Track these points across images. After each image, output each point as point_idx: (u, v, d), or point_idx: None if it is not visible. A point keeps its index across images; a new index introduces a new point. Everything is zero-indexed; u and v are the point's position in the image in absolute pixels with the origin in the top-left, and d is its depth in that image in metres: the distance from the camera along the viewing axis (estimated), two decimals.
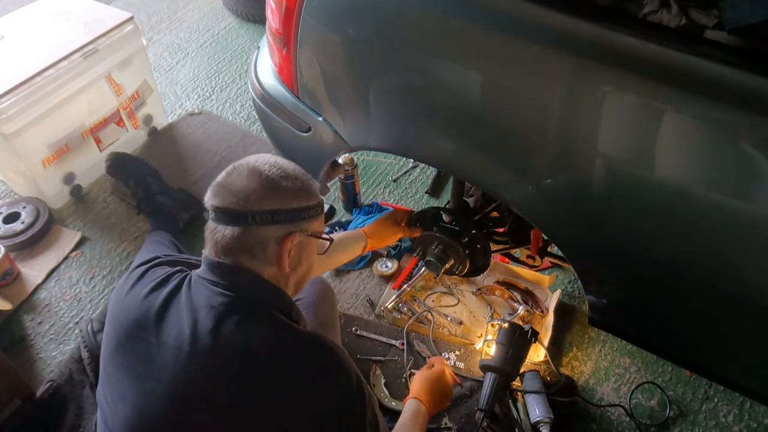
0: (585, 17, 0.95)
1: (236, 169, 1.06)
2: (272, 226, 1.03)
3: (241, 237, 1.02)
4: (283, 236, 1.04)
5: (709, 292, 1.12)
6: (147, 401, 0.97)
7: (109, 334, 1.07)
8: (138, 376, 0.99)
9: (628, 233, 1.11)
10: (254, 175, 1.03)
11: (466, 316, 1.77)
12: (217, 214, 1.03)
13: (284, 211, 1.03)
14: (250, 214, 1.01)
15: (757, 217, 0.95)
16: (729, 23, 0.94)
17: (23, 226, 1.99)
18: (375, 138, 1.31)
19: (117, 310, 1.08)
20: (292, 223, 1.05)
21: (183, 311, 1.01)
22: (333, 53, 1.26)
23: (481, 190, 1.55)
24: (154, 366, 0.98)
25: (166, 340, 0.99)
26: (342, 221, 2.06)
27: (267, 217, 1.02)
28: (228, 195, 1.02)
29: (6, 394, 1.52)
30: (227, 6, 3.11)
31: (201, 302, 1.01)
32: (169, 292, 1.04)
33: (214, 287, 1.02)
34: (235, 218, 1.02)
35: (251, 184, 1.02)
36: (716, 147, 0.94)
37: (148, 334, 1.01)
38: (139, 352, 1.01)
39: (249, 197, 1.01)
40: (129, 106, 2.24)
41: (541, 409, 1.49)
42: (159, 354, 0.99)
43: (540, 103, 1.04)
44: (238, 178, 1.04)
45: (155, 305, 1.03)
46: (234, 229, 1.02)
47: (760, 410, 1.57)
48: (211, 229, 1.05)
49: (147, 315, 1.03)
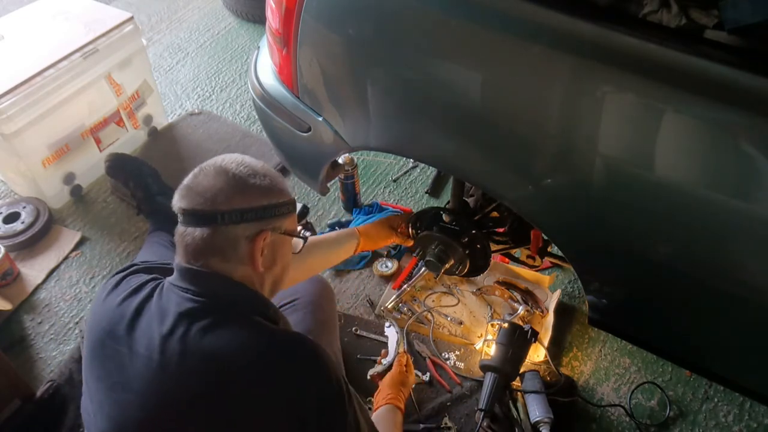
0: (585, 17, 0.95)
1: (203, 170, 1.04)
2: (242, 224, 1.00)
3: (211, 238, 1.00)
4: (254, 235, 1.01)
5: (709, 291, 1.12)
6: (122, 412, 0.96)
7: (87, 344, 1.05)
8: (112, 386, 0.98)
9: (628, 233, 1.11)
10: (221, 174, 1.01)
11: (466, 316, 1.77)
12: (186, 216, 1.01)
13: (254, 209, 1.01)
14: (219, 214, 0.99)
15: (757, 217, 0.95)
16: (729, 23, 0.94)
17: (23, 226, 1.99)
18: (375, 138, 1.31)
19: (92, 319, 1.07)
20: (263, 221, 1.02)
21: (153, 319, 0.99)
22: (333, 53, 1.26)
23: (481, 190, 1.55)
24: (127, 376, 0.97)
25: (137, 350, 0.97)
26: (342, 221, 2.07)
27: (236, 215, 0.99)
28: (195, 196, 1.00)
29: (6, 394, 1.52)
30: (227, 6, 3.11)
31: (170, 309, 0.99)
32: (141, 301, 1.02)
33: (184, 293, 1.00)
34: (204, 219, 0.99)
35: (218, 183, 1.00)
36: (716, 147, 0.94)
37: (121, 343, 0.99)
38: (112, 362, 0.99)
39: (216, 197, 0.99)
40: (129, 106, 2.24)
41: (541, 409, 1.49)
42: (131, 363, 0.97)
43: (540, 103, 1.04)
44: (205, 179, 1.02)
45: (127, 314, 1.01)
46: (203, 230, 1.00)
47: (760, 410, 1.57)
48: (180, 233, 1.03)
49: (119, 324, 1.01)
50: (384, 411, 1.37)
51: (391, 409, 1.38)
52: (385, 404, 1.39)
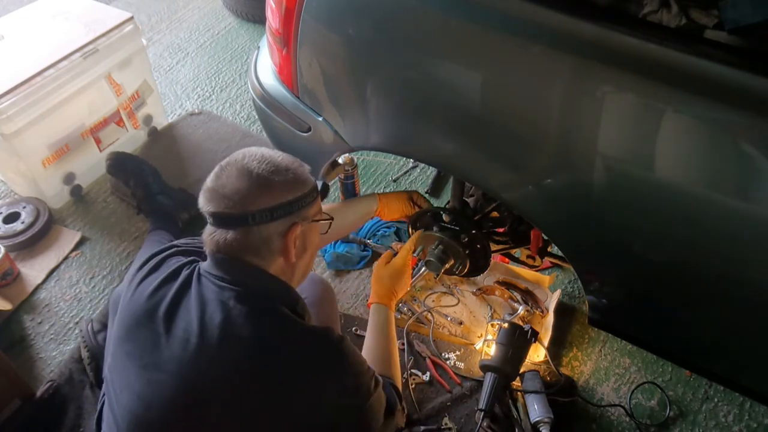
0: (585, 17, 0.95)
1: (224, 170, 1.05)
2: (273, 222, 1.03)
3: (244, 239, 1.02)
4: (287, 229, 1.04)
5: (709, 291, 1.12)
6: (153, 391, 0.98)
7: (119, 319, 1.08)
8: (145, 365, 1.00)
9: (628, 233, 1.11)
10: (245, 175, 1.02)
11: (466, 316, 1.77)
12: (216, 219, 1.03)
13: (282, 206, 1.03)
14: (250, 215, 1.00)
15: (757, 217, 0.95)
16: (729, 23, 0.94)
17: (23, 226, 1.99)
18: (375, 138, 1.31)
19: (130, 299, 1.09)
20: (292, 214, 1.05)
21: (192, 304, 1.02)
22: (333, 53, 1.26)
23: (481, 190, 1.55)
24: (162, 357, 0.99)
25: (174, 332, 1.00)
26: None
27: (266, 215, 1.01)
28: (222, 199, 1.01)
29: (6, 394, 1.52)
30: (227, 6, 3.11)
31: (210, 296, 1.01)
32: (180, 285, 1.05)
33: (221, 282, 1.02)
34: (235, 222, 1.01)
35: (244, 184, 1.01)
36: (716, 147, 0.94)
37: (157, 325, 1.01)
38: (147, 342, 1.01)
39: (245, 198, 1.01)
40: (129, 106, 2.24)
41: (541, 409, 1.49)
42: (167, 345, 0.99)
43: (540, 103, 1.04)
44: (229, 180, 1.02)
45: (166, 297, 1.04)
46: (235, 232, 1.02)
47: (760, 410, 1.57)
48: (209, 232, 1.05)
49: (157, 306, 1.03)
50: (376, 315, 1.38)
51: (381, 309, 1.38)
52: (375, 302, 1.40)
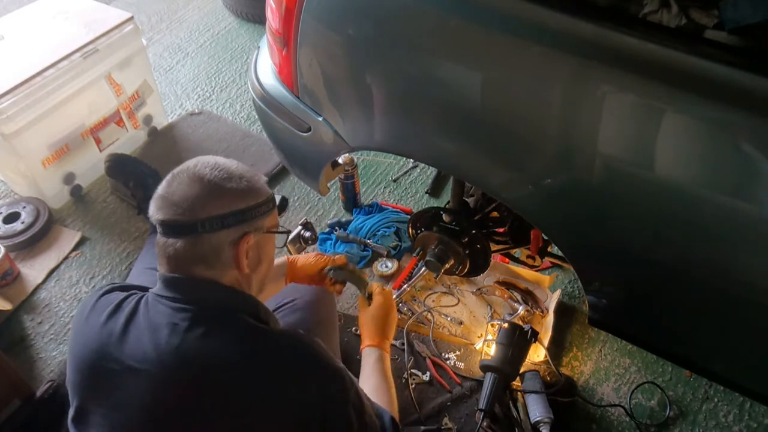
0: (585, 17, 0.95)
1: (176, 178, 1.00)
2: (223, 231, 0.98)
3: (193, 247, 0.98)
4: (238, 239, 1.00)
5: (709, 291, 1.12)
6: (126, 430, 0.95)
7: (75, 369, 1.02)
8: (113, 407, 0.96)
9: (628, 233, 1.11)
10: (196, 182, 0.98)
11: (466, 316, 1.77)
12: (165, 227, 0.99)
13: (233, 214, 0.99)
14: (199, 223, 0.96)
15: (757, 217, 0.95)
16: (729, 23, 0.94)
17: (23, 226, 1.99)
18: (375, 138, 1.31)
19: (78, 344, 1.03)
20: (244, 223, 1.00)
21: (143, 333, 0.97)
22: (333, 53, 1.26)
23: (481, 190, 1.55)
24: (126, 393, 0.95)
25: (132, 365, 0.95)
26: (342, 221, 2.06)
27: (216, 222, 0.97)
28: (172, 206, 0.97)
29: (6, 394, 1.52)
30: (227, 6, 3.11)
31: (161, 320, 0.97)
32: (126, 316, 1.00)
33: (173, 303, 0.98)
34: (184, 229, 0.97)
35: (194, 191, 0.98)
36: (716, 147, 0.94)
37: (114, 363, 0.96)
38: (109, 383, 0.97)
39: (194, 205, 0.97)
40: (129, 106, 2.24)
41: (541, 409, 1.49)
42: (128, 381, 0.95)
43: (540, 103, 1.04)
44: (180, 187, 0.98)
45: (115, 331, 0.98)
46: (184, 240, 0.97)
47: (760, 410, 1.57)
48: (161, 244, 1.00)
49: (109, 343, 0.98)
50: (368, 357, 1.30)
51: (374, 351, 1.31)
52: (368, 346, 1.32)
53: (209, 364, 0.95)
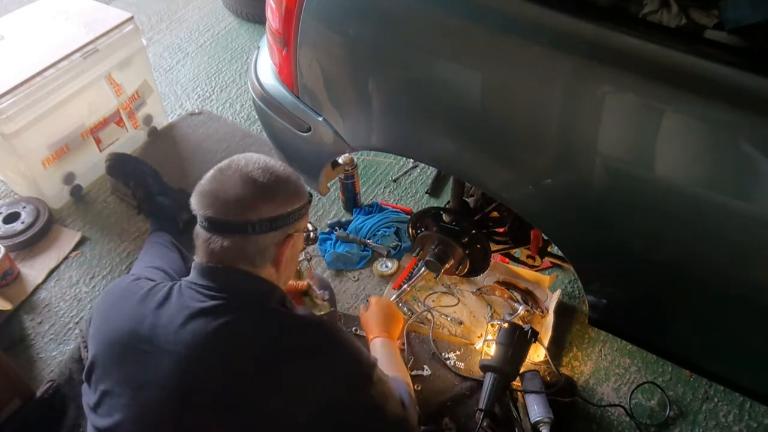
0: (585, 17, 0.95)
1: (224, 174, 1.03)
2: (271, 233, 1.02)
3: (241, 247, 1.01)
4: (283, 240, 1.04)
5: (709, 291, 1.12)
6: (151, 409, 0.96)
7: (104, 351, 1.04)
8: (140, 386, 0.98)
9: (627, 233, 1.11)
10: (249, 183, 1.01)
11: (466, 316, 1.77)
12: (212, 224, 1.01)
13: (282, 217, 1.03)
14: (250, 224, 0.99)
15: (757, 217, 0.95)
16: (729, 23, 0.94)
17: (23, 226, 1.99)
18: (375, 138, 1.31)
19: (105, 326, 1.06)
20: (289, 226, 1.05)
21: (176, 317, 0.99)
22: (333, 53, 1.26)
23: (481, 190, 1.55)
24: (156, 373, 0.97)
25: (163, 347, 0.97)
26: (342, 221, 2.06)
27: (266, 225, 1.01)
28: (222, 205, 1.00)
29: (6, 394, 1.52)
30: (227, 6, 3.11)
31: (193, 305, 0.99)
32: (159, 301, 1.02)
33: (205, 290, 1.00)
34: (233, 229, 1.00)
35: (247, 192, 1.00)
36: (716, 147, 0.94)
37: (145, 343, 0.99)
38: (139, 364, 0.99)
39: (247, 207, 0.99)
40: (129, 106, 2.24)
41: (541, 409, 1.49)
42: (157, 362, 0.97)
43: (540, 103, 1.04)
44: (231, 187, 1.01)
45: (148, 314, 1.01)
46: (232, 239, 1.00)
47: (760, 410, 1.57)
48: (204, 238, 1.02)
49: (141, 324, 1.00)
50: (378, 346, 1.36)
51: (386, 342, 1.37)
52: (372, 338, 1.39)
53: (240, 348, 0.98)
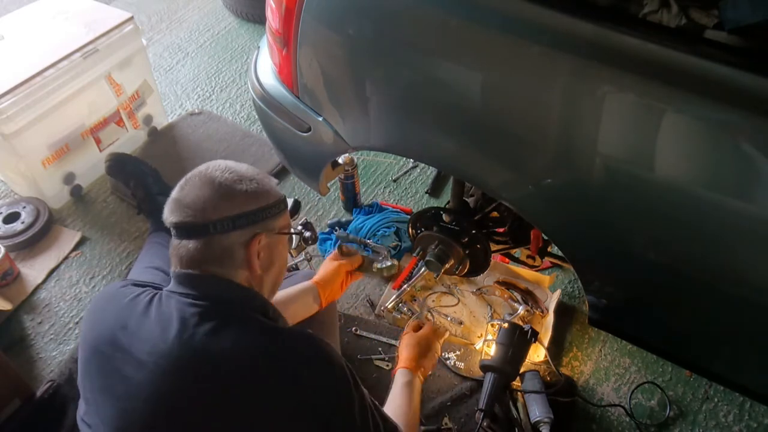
0: (585, 17, 0.95)
1: (188, 182, 1.04)
2: (235, 231, 1.01)
3: (206, 248, 1.00)
4: (249, 239, 1.02)
5: (709, 292, 1.12)
6: (129, 421, 0.95)
7: (85, 357, 1.04)
8: (118, 396, 0.97)
9: (628, 233, 1.11)
10: (207, 184, 1.01)
11: (466, 316, 1.77)
12: (178, 230, 1.01)
13: (244, 215, 1.01)
14: (211, 224, 0.99)
15: (757, 218, 0.95)
16: (729, 23, 0.94)
17: (23, 226, 1.99)
18: (375, 138, 1.31)
19: (89, 330, 1.06)
20: (255, 224, 1.02)
21: (154, 326, 0.98)
22: (333, 53, 1.26)
23: (481, 190, 1.55)
24: (132, 384, 0.96)
25: (141, 358, 0.96)
26: (342, 221, 2.06)
27: (228, 223, 1.00)
28: (184, 208, 1.00)
29: (6, 394, 1.52)
30: (227, 6, 3.11)
31: (173, 315, 0.98)
32: (141, 310, 1.02)
33: (185, 299, 0.99)
34: (196, 231, 1.00)
35: (205, 193, 1.00)
36: (716, 147, 0.94)
37: (123, 353, 0.98)
38: (115, 372, 0.98)
39: (206, 207, 0.99)
40: (129, 106, 2.24)
41: (541, 409, 1.49)
42: (136, 372, 0.96)
43: (540, 104, 1.04)
44: (192, 190, 1.02)
45: (127, 323, 1.00)
46: (197, 241, 1.00)
47: (760, 410, 1.57)
48: (174, 246, 1.03)
49: (119, 334, 1.00)
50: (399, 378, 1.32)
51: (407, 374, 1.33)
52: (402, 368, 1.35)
53: (219, 360, 0.95)
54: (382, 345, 1.70)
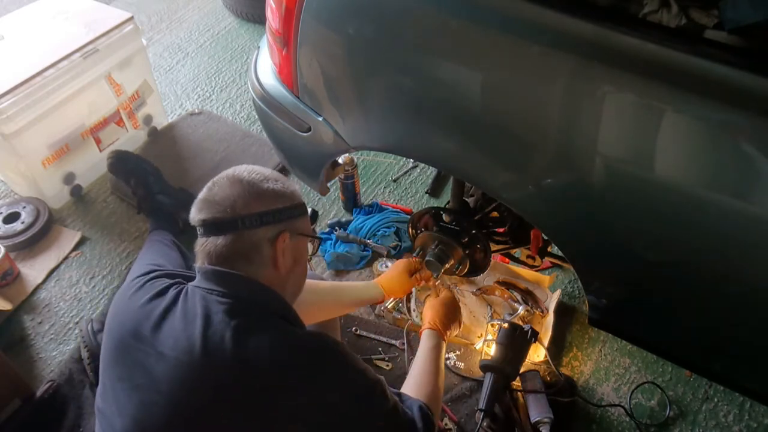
0: (585, 17, 0.95)
1: (216, 183, 1.08)
2: (263, 228, 1.05)
3: (235, 244, 1.04)
4: (275, 236, 1.06)
5: (710, 291, 1.12)
6: (146, 413, 0.96)
7: (107, 344, 1.07)
8: (136, 387, 0.98)
9: (628, 233, 1.11)
10: (236, 183, 1.06)
11: (466, 316, 1.77)
12: (206, 227, 1.05)
13: (271, 212, 1.06)
14: (240, 219, 1.03)
15: (758, 218, 0.95)
16: (729, 23, 0.94)
17: (23, 226, 1.99)
18: (375, 138, 1.31)
19: (114, 321, 1.08)
20: (281, 222, 1.07)
21: (179, 321, 1.00)
22: (333, 53, 1.26)
23: (481, 190, 1.55)
24: (153, 377, 0.97)
25: (163, 351, 0.98)
26: (342, 221, 2.06)
27: (256, 219, 1.04)
28: (215, 205, 1.05)
29: (6, 394, 1.52)
30: (227, 6, 3.11)
31: (198, 311, 1.00)
32: (167, 303, 1.04)
33: (211, 295, 1.01)
34: (226, 226, 1.03)
35: (235, 191, 1.05)
36: (716, 147, 0.94)
37: (145, 345, 1.00)
38: (136, 364, 1.00)
39: (235, 203, 1.04)
40: (129, 106, 2.24)
41: (541, 409, 1.49)
42: (157, 365, 0.97)
43: (540, 103, 1.04)
44: (221, 189, 1.06)
45: (153, 316, 1.02)
46: (226, 237, 1.04)
47: (760, 410, 1.57)
48: (201, 244, 1.06)
49: (144, 326, 1.02)
50: (426, 340, 1.39)
51: (434, 336, 1.40)
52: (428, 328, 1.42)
53: (238, 361, 0.97)
54: (382, 345, 1.70)
